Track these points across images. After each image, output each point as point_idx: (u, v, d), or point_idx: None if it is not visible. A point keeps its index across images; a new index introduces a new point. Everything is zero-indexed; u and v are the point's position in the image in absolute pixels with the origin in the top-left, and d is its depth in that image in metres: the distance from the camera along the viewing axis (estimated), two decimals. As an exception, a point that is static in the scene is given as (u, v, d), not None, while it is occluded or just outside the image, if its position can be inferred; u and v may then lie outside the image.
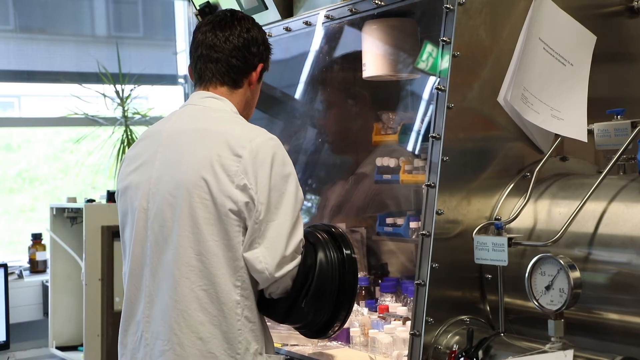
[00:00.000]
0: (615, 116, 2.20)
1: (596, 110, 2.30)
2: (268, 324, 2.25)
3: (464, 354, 2.02)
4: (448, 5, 2.24)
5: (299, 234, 2.13)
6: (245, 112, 2.34)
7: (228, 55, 2.28)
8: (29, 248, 4.69)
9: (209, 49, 2.27)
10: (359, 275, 2.37)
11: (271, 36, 3.12)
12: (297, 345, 2.76)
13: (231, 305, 2.08)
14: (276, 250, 2.08)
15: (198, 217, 2.09)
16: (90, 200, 4.15)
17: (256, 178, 2.08)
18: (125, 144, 4.88)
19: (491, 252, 2.06)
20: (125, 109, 4.97)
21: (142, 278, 2.20)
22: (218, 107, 2.26)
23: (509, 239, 2.03)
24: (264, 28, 2.40)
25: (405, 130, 3.09)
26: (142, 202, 2.20)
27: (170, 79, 5.40)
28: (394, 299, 2.93)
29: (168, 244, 2.13)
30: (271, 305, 2.17)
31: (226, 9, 2.40)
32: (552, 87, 2.30)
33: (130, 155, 2.33)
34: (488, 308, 2.23)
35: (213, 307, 2.08)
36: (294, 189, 2.13)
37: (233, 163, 2.09)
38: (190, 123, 2.23)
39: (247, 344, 2.09)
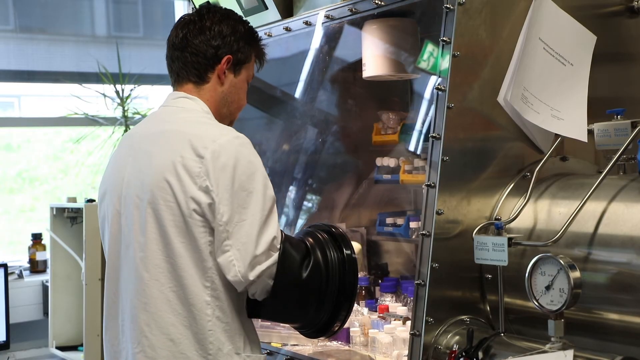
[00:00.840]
0: (615, 116, 2.20)
1: (596, 110, 2.30)
2: (267, 323, 2.25)
3: (464, 354, 2.02)
4: (448, 5, 2.24)
5: (271, 232, 2.09)
6: (224, 110, 2.31)
7: (185, 52, 2.29)
8: (29, 248, 4.69)
9: (170, 49, 2.33)
10: (359, 275, 2.37)
11: (271, 36, 3.12)
12: (297, 345, 2.76)
13: (200, 307, 2.08)
14: (247, 251, 2.05)
15: (163, 219, 2.10)
16: (90, 200, 4.14)
17: (217, 180, 2.06)
18: (125, 144, 4.87)
19: (491, 252, 2.06)
20: (125, 109, 4.96)
21: (117, 281, 2.22)
22: (189, 107, 2.26)
23: (509, 239, 2.03)
24: (263, 28, 2.41)
25: (405, 130, 3.09)
26: (115, 206, 2.23)
27: (170, 79, 5.39)
28: (394, 299, 2.93)
29: (137, 247, 2.14)
30: (257, 305, 2.17)
31: (201, 5, 2.38)
32: (552, 87, 2.30)
33: (110, 160, 2.39)
34: (488, 308, 2.23)
35: (183, 309, 2.09)
36: (261, 187, 2.10)
37: (195, 164, 2.08)
38: (159, 125, 2.24)
39: (219, 344, 2.09)
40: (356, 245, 2.42)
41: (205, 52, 2.26)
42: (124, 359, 2.20)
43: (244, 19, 2.38)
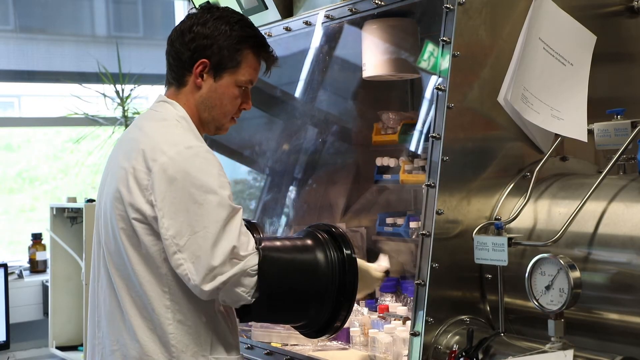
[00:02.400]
0: (615, 116, 2.20)
1: (596, 110, 2.30)
2: (267, 323, 2.25)
3: (464, 354, 2.02)
4: (448, 5, 2.24)
5: (229, 241, 2.03)
6: (205, 114, 2.25)
7: (168, 54, 2.28)
8: (29, 248, 4.69)
9: (166, 53, 2.31)
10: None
11: (271, 36, 3.12)
12: (297, 345, 2.76)
13: (161, 311, 2.10)
14: (201, 264, 2.02)
15: (117, 228, 2.12)
16: (90, 200, 4.14)
17: (163, 194, 2.04)
18: (125, 144, 4.87)
19: (491, 252, 2.06)
20: (125, 108, 4.96)
21: (95, 281, 2.27)
22: (164, 112, 2.22)
23: (509, 239, 2.03)
24: (263, 28, 2.39)
25: (405, 130, 3.09)
26: (98, 210, 2.28)
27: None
28: (394, 298, 2.93)
29: (106, 253, 2.19)
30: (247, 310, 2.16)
31: (202, 4, 2.35)
32: (552, 87, 2.30)
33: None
34: (488, 308, 2.23)
35: (147, 313, 2.12)
36: (213, 198, 2.04)
37: (145, 177, 2.08)
38: (132, 131, 2.26)
39: (182, 347, 2.10)
40: (383, 266, 2.41)
41: (182, 55, 2.23)
42: (99, 354, 2.23)
43: (242, 20, 2.28)
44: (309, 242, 2.24)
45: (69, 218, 4.31)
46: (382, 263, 2.45)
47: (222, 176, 2.09)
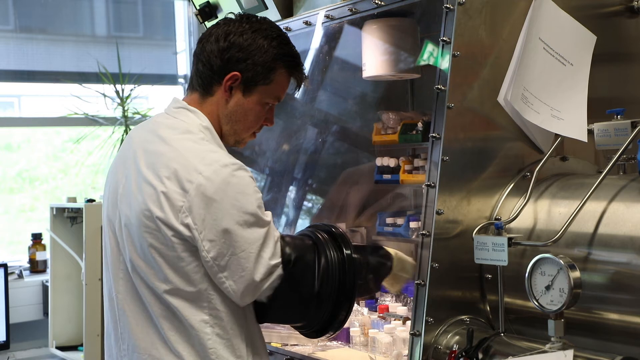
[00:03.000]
0: (615, 116, 2.20)
1: (596, 110, 2.30)
2: (268, 323, 2.25)
3: (464, 354, 2.02)
4: (448, 5, 2.24)
5: (269, 254, 2.04)
6: (227, 127, 2.20)
7: (198, 59, 2.19)
8: (29, 248, 4.69)
9: (193, 54, 2.23)
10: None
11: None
12: (297, 345, 2.76)
13: (199, 326, 2.06)
14: (244, 282, 2.03)
15: (146, 244, 2.05)
16: (90, 200, 4.15)
17: (202, 217, 1.99)
18: (125, 143, 4.87)
19: (491, 252, 2.06)
20: (125, 108, 4.96)
21: (113, 291, 2.18)
22: (187, 122, 2.14)
23: (509, 239, 2.03)
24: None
25: (405, 130, 3.09)
26: (113, 216, 2.18)
27: (170, 79, 5.40)
28: (394, 299, 2.93)
29: (131, 267, 2.11)
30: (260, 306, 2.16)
31: (239, 13, 2.26)
32: (552, 87, 2.30)
33: (113, 162, 2.30)
34: (488, 308, 2.23)
35: (183, 327, 2.07)
36: (250, 219, 2.01)
37: (179, 198, 2.00)
38: (154, 143, 2.13)
39: (221, 359, 2.09)
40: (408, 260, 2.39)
41: (213, 64, 2.14)
42: None
43: (281, 37, 2.19)
44: (309, 242, 2.24)
45: (69, 218, 4.31)
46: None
47: (257, 192, 2.06)
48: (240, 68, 2.14)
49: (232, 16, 2.22)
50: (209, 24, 3.44)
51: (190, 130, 2.12)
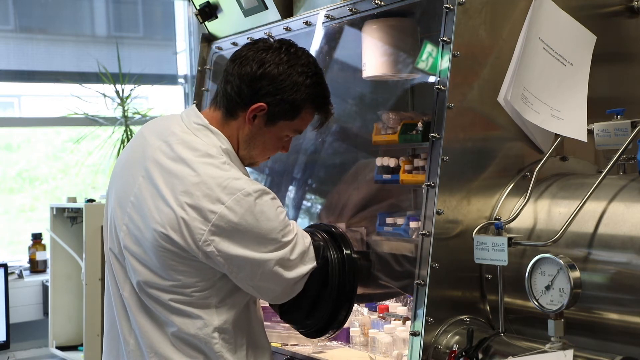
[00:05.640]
0: (615, 116, 2.20)
1: (596, 110, 2.30)
2: (267, 323, 2.25)
3: (464, 354, 2.02)
4: (448, 5, 2.24)
5: (298, 268, 2.09)
6: (244, 152, 2.17)
7: (227, 81, 2.13)
8: (29, 248, 4.69)
9: (224, 70, 2.17)
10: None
11: (271, 36, 3.11)
12: (297, 345, 2.76)
13: (207, 331, 2.08)
14: (278, 290, 2.11)
15: (166, 263, 2.04)
16: (90, 200, 4.15)
17: (227, 248, 1.99)
18: (125, 143, 4.88)
19: (491, 252, 2.06)
20: (125, 108, 4.97)
21: (120, 289, 2.18)
22: (207, 145, 2.09)
23: (509, 239, 2.03)
24: (263, 28, 2.35)
25: (405, 130, 3.09)
26: (119, 219, 2.15)
27: (170, 79, 5.40)
28: (393, 299, 2.93)
29: (137, 274, 2.10)
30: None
31: (282, 39, 2.19)
32: (552, 87, 2.30)
33: (121, 159, 2.26)
34: (488, 308, 2.23)
35: (189, 330, 2.08)
36: (273, 245, 2.03)
37: (200, 226, 1.98)
38: (174, 161, 2.06)
39: None
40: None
41: (242, 90, 2.10)
42: None
43: (317, 75, 2.15)
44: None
45: (69, 218, 4.31)
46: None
47: (280, 214, 2.05)
48: (268, 101, 2.10)
49: (272, 40, 2.17)
50: (208, 24, 3.45)
51: (211, 154, 2.07)
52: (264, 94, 2.09)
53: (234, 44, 3.31)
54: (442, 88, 2.21)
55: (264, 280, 2.06)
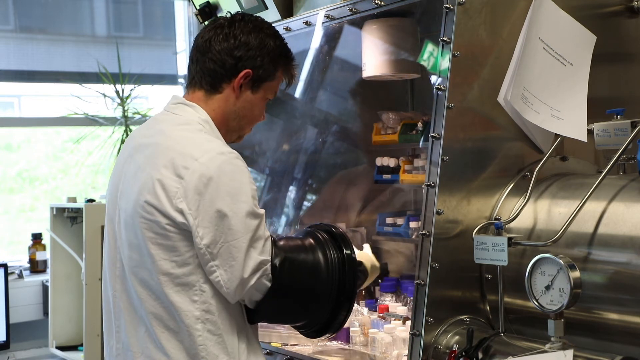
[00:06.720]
0: (615, 116, 2.20)
1: (596, 110, 2.30)
2: (266, 323, 2.24)
3: (463, 353, 2.02)
4: (448, 5, 2.24)
5: (258, 250, 2.05)
6: (234, 123, 2.23)
7: (205, 56, 2.20)
8: (29, 248, 4.69)
9: (193, 49, 2.25)
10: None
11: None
12: (297, 345, 2.76)
13: (189, 322, 2.05)
14: (234, 273, 2.03)
15: (145, 237, 2.06)
16: (90, 200, 4.15)
17: (196, 202, 2.00)
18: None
19: (491, 252, 2.06)
20: (125, 108, 4.96)
21: (110, 289, 2.20)
22: (185, 117, 2.17)
23: (509, 239, 2.03)
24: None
25: (405, 130, 3.09)
26: (112, 215, 2.20)
27: (170, 79, 5.40)
28: (394, 298, 2.93)
29: (126, 262, 2.14)
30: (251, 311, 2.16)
31: (236, 12, 2.31)
32: (552, 87, 2.30)
33: (116, 162, 2.32)
34: (488, 308, 2.23)
35: (174, 324, 2.07)
36: (245, 207, 2.03)
37: (174, 184, 2.01)
38: (152, 135, 2.17)
39: (213, 357, 2.07)
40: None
41: (225, 62, 2.18)
42: None
43: (278, 34, 2.29)
44: (309, 242, 2.24)
45: (69, 218, 4.31)
46: (367, 251, 2.48)
47: (252, 183, 2.08)
48: (252, 65, 2.20)
49: (229, 16, 2.27)
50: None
51: (189, 122, 2.16)
52: (246, 60, 2.19)
53: (234, 44, 3.30)
54: (442, 88, 2.21)
55: (225, 252, 2.01)
